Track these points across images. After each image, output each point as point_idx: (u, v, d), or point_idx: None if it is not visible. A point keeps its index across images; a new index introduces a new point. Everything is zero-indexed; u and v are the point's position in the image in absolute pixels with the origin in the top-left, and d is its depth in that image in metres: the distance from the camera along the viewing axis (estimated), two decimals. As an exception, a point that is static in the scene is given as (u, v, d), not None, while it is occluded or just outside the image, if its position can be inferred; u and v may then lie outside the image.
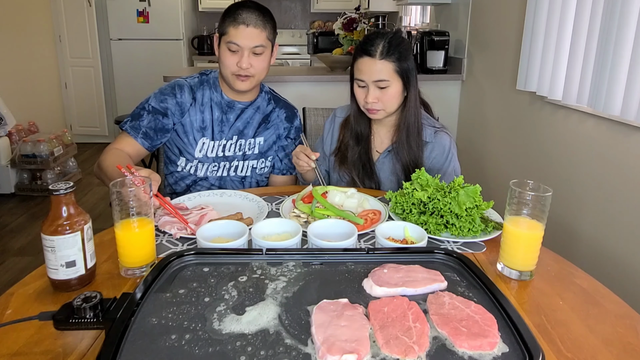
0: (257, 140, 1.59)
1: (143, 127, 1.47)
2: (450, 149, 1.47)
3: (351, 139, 1.52)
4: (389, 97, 1.39)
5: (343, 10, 3.63)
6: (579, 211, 1.75)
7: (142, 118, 1.48)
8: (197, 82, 1.53)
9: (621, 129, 1.52)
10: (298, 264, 0.86)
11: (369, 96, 1.39)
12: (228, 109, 1.54)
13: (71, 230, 0.83)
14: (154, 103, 1.49)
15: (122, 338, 0.64)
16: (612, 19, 1.46)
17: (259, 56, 1.44)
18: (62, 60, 5.13)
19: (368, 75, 1.38)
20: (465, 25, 2.81)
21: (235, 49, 1.42)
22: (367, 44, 1.38)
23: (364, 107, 1.44)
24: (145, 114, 1.48)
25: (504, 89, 2.37)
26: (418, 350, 0.64)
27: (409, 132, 1.45)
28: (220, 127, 1.53)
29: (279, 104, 1.64)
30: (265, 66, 1.47)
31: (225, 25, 1.43)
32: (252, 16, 1.40)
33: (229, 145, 1.55)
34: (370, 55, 1.37)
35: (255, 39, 1.41)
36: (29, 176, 3.77)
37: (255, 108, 1.58)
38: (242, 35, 1.40)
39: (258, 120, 1.58)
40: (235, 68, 1.43)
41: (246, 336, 0.66)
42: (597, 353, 0.73)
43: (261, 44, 1.43)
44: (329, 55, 3.54)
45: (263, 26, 1.42)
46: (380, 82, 1.37)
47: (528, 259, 0.94)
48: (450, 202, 1.09)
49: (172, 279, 0.80)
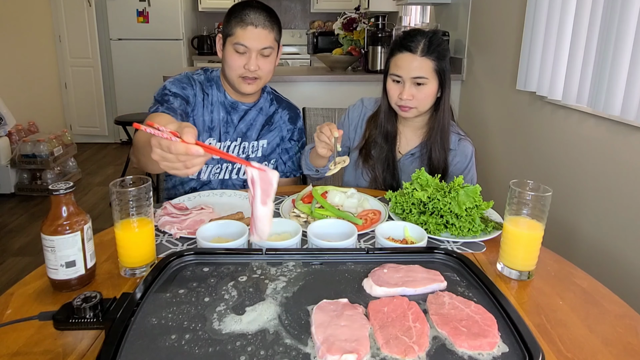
0: (261, 142, 1.56)
1: (177, 109, 1.37)
2: (471, 158, 1.49)
3: (380, 137, 1.49)
4: (424, 96, 1.38)
5: (343, 10, 3.63)
6: (579, 211, 1.75)
7: (170, 102, 1.37)
8: (204, 80, 1.50)
9: (621, 129, 1.52)
10: (298, 263, 0.86)
11: (405, 93, 1.37)
12: (232, 110, 1.51)
13: (71, 230, 0.83)
14: (176, 89, 1.41)
15: (122, 338, 0.64)
16: (612, 19, 1.46)
17: (267, 58, 1.41)
18: (62, 60, 5.14)
19: (407, 71, 1.36)
20: (465, 25, 2.81)
21: (242, 51, 1.38)
22: (408, 40, 1.37)
23: (396, 104, 1.41)
24: (171, 98, 1.38)
25: (504, 89, 2.37)
26: (418, 350, 0.64)
27: (442, 134, 1.44)
28: (226, 128, 1.50)
29: (282, 104, 1.61)
30: (272, 68, 1.44)
31: (232, 26, 1.38)
32: (260, 17, 1.37)
33: (233, 146, 1.52)
34: (411, 51, 1.35)
35: (264, 40, 1.38)
36: (28, 176, 3.77)
37: (258, 109, 1.55)
38: (250, 36, 1.36)
39: (261, 122, 1.55)
40: (242, 70, 1.39)
41: (246, 336, 0.66)
42: (597, 353, 0.73)
43: (269, 46, 1.39)
44: (328, 55, 3.54)
45: (271, 27, 1.39)
46: (418, 79, 1.36)
47: (528, 259, 0.94)
48: (450, 202, 1.09)
49: (172, 279, 0.80)
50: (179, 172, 0.83)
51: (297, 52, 5.71)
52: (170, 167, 0.82)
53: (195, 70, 1.53)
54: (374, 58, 3.29)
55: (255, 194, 0.82)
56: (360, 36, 3.43)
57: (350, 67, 3.53)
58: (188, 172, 0.82)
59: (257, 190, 0.82)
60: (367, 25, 3.39)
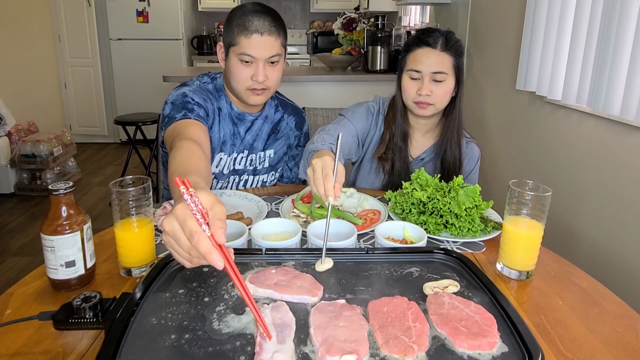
0: (267, 153, 1.49)
1: (205, 120, 1.26)
2: (477, 161, 1.49)
3: (399, 137, 1.45)
4: (443, 93, 1.36)
5: (342, 10, 3.64)
6: (578, 211, 1.75)
7: (194, 111, 1.25)
8: (213, 89, 1.39)
9: (621, 129, 1.52)
10: (298, 263, 0.86)
11: (424, 88, 1.34)
12: (238, 122, 1.42)
13: (71, 230, 0.83)
14: (198, 99, 1.30)
15: (121, 338, 0.64)
16: (611, 19, 1.46)
17: (275, 66, 1.31)
18: (61, 60, 5.14)
19: (427, 66, 1.34)
20: (464, 25, 2.81)
21: (249, 61, 1.27)
22: (426, 35, 1.36)
23: (413, 101, 1.38)
24: (195, 107, 1.27)
25: (504, 89, 2.37)
26: (417, 349, 0.64)
27: (458, 130, 1.43)
28: (233, 141, 1.42)
29: (287, 109, 1.53)
30: (280, 76, 1.35)
31: (234, 34, 1.26)
32: (265, 23, 1.25)
33: (240, 158, 1.45)
34: (431, 45, 1.34)
35: (271, 48, 1.27)
36: (28, 176, 3.77)
37: (263, 118, 1.47)
38: (256, 45, 1.25)
39: (267, 132, 1.48)
40: (250, 82, 1.29)
41: (246, 336, 0.66)
42: (596, 353, 0.73)
43: (277, 53, 1.29)
44: (328, 55, 3.54)
45: (277, 33, 1.28)
46: (437, 75, 1.34)
47: (527, 258, 0.94)
48: (449, 202, 1.09)
49: (171, 279, 0.80)
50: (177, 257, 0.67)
51: (297, 52, 5.71)
52: (172, 247, 0.66)
53: (200, 76, 1.42)
54: (374, 58, 3.29)
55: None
56: (359, 36, 3.43)
57: (349, 67, 3.53)
58: (185, 264, 0.67)
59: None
60: (366, 25, 3.39)
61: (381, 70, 3.30)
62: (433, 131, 1.50)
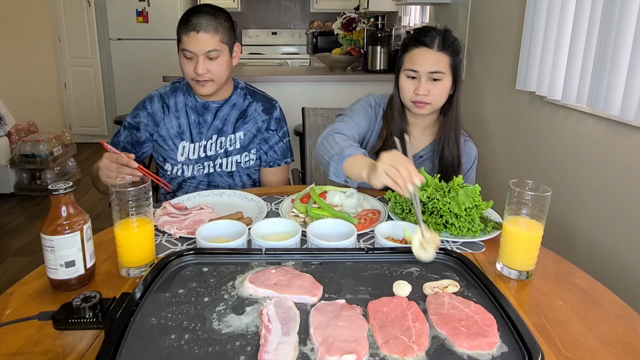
0: (237, 135, 1.59)
1: (121, 142, 1.54)
2: (475, 160, 1.49)
3: (396, 134, 1.44)
4: (440, 92, 1.37)
5: (342, 10, 3.64)
6: (578, 211, 1.75)
7: (119, 134, 1.55)
8: (169, 90, 1.57)
9: (620, 129, 1.52)
10: (297, 263, 0.86)
11: (421, 88, 1.35)
12: (204, 111, 1.56)
13: (70, 230, 0.83)
14: (129, 119, 1.55)
15: (121, 338, 0.64)
16: (611, 19, 1.46)
17: (215, 60, 1.44)
18: (61, 60, 5.13)
19: (424, 65, 1.35)
20: (464, 25, 2.81)
21: (190, 56, 1.43)
22: (423, 35, 1.37)
23: (410, 100, 1.39)
24: (122, 129, 1.55)
25: (503, 89, 2.37)
26: (417, 349, 0.64)
27: (456, 129, 1.43)
28: (199, 130, 1.56)
29: (256, 97, 1.63)
30: (223, 69, 1.47)
31: (180, 33, 1.44)
32: (202, 21, 1.40)
33: (210, 145, 1.56)
34: (428, 45, 1.35)
35: (207, 44, 1.41)
36: (28, 176, 3.77)
37: (231, 105, 1.58)
38: (193, 41, 1.41)
39: (235, 117, 1.59)
40: (193, 74, 1.44)
41: (246, 336, 0.66)
42: (596, 353, 0.73)
43: (214, 49, 1.43)
44: (328, 55, 3.54)
45: (214, 30, 1.42)
46: (435, 74, 1.35)
47: (527, 258, 0.94)
48: (449, 202, 1.09)
49: (171, 279, 0.80)
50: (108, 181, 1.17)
51: (297, 52, 5.71)
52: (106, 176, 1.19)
53: (167, 84, 1.61)
54: (374, 58, 3.29)
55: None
56: (359, 36, 3.43)
57: (349, 67, 3.53)
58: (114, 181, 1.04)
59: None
60: (366, 25, 3.39)
61: (381, 70, 3.30)
62: (431, 129, 1.50)
